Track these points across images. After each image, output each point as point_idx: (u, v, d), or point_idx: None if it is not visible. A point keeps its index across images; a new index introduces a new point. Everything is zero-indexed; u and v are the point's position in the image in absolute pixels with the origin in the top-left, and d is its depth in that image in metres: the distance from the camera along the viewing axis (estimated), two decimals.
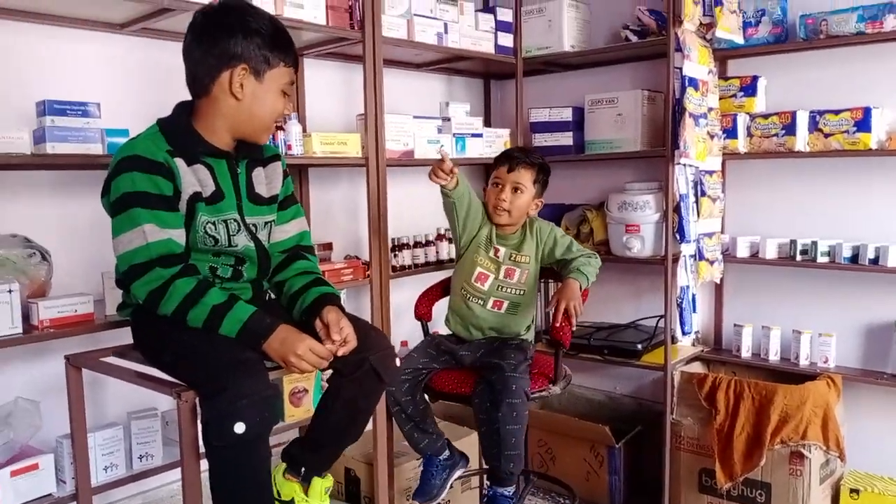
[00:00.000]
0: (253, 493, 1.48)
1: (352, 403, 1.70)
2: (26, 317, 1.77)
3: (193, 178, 1.57)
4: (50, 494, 1.82)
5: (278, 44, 1.61)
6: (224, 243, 1.62)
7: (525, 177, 2.22)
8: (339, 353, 1.58)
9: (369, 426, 1.94)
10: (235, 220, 1.64)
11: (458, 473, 2.29)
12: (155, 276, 1.50)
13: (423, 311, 2.39)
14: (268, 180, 1.75)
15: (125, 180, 1.50)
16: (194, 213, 1.58)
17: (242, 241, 1.65)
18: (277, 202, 1.77)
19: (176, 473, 2.05)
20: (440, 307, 2.46)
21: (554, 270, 2.32)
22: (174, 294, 1.50)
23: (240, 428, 1.38)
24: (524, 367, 2.06)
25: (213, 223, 1.60)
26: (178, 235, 1.54)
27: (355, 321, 1.74)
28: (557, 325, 2.07)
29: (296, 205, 1.83)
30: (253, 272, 1.71)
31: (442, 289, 2.45)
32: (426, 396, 2.24)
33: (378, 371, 1.66)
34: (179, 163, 1.55)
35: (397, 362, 1.73)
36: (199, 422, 1.45)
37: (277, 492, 1.77)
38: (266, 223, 1.73)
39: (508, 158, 2.25)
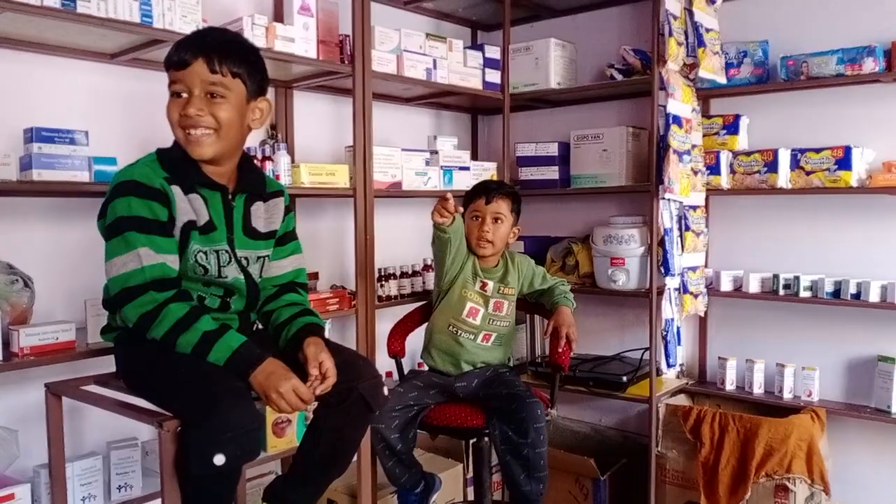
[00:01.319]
0: None
1: (339, 433, 1.67)
2: (6, 344, 1.75)
3: (189, 207, 1.57)
4: None
5: (167, 54, 1.58)
6: (214, 273, 1.61)
7: (503, 206, 2.27)
8: (318, 391, 1.55)
9: (353, 458, 1.92)
10: (227, 252, 1.63)
11: (433, 498, 2.28)
12: (148, 299, 1.49)
13: (397, 348, 2.37)
14: (267, 215, 1.74)
15: (121, 204, 1.51)
16: (187, 240, 1.57)
17: (232, 273, 1.64)
18: (275, 238, 1.76)
19: None
20: (411, 340, 2.44)
21: (530, 302, 2.37)
22: (166, 318, 1.49)
23: (219, 460, 1.36)
24: (531, 392, 2.11)
25: (205, 252, 1.60)
26: (173, 261, 1.54)
27: (342, 351, 1.73)
28: (561, 350, 2.16)
29: (295, 241, 1.82)
30: (241, 304, 1.70)
31: (416, 319, 2.44)
32: (418, 431, 2.21)
33: (367, 400, 1.64)
34: (176, 190, 1.55)
35: (385, 391, 1.72)
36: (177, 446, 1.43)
37: None
38: (259, 258, 1.72)
39: (485, 191, 2.29)
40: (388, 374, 2.70)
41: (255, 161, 2.20)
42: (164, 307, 1.49)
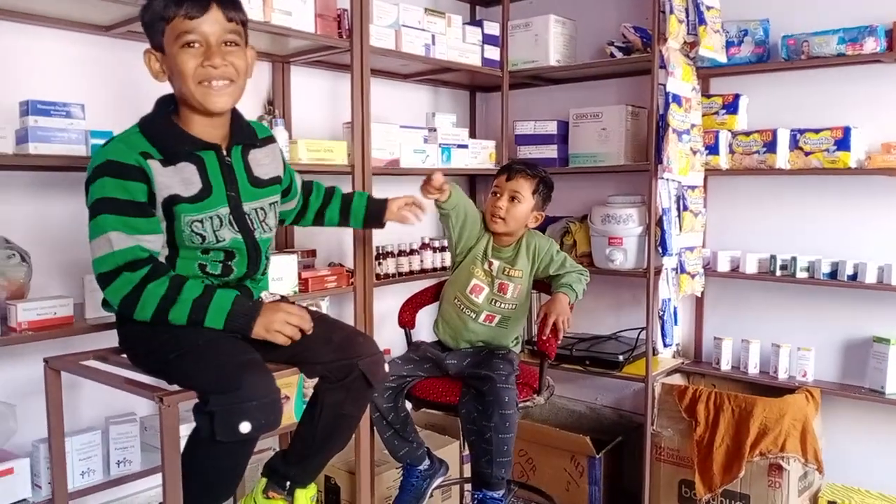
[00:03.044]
0: (224, 482, 1.55)
1: (339, 409, 1.68)
2: (4, 319, 1.75)
3: (170, 180, 1.53)
4: (25, 500, 1.78)
5: (162, 4, 1.50)
6: (211, 240, 1.59)
7: (523, 186, 2.24)
8: (308, 328, 1.60)
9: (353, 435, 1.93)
10: (219, 216, 1.59)
11: (437, 482, 2.29)
12: (124, 281, 1.47)
13: (406, 319, 2.40)
14: (267, 161, 1.72)
15: (97, 186, 1.48)
16: (173, 215, 1.54)
17: (228, 235, 1.61)
18: (282, 185, 1.77)
19: (154, 480, 2.03)
20: (422, 315, 2.46)
21: (544, 283, 2.34)
22: (148, 299, 1.48)
23: (245, 428, 1.38)
24: (513, 378, 2.08)
25: (200, 221, 1.56)
26: (149, 241, 1.51)
27: (342, 327, 1.74)
28: (545, 337, 2.11)
29: (296, 178, 1.95)
30: (243, 266, 1.66)
31: (429, 296, 2.46)
32: (408, 404, 2.24)
33: (367, 376, 1.65)
34: (154, 164, 1.51)
35: (386, 368, 1.73)
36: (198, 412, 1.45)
37: None
38: (271, 204, 1.71)
39: (508, 168, 2.29)
40: (387, 352, 2.71)
41: None
42: (142, 289, 1.48)
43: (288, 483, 1.74)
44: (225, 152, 1.63)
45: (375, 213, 2.08)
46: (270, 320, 1.53)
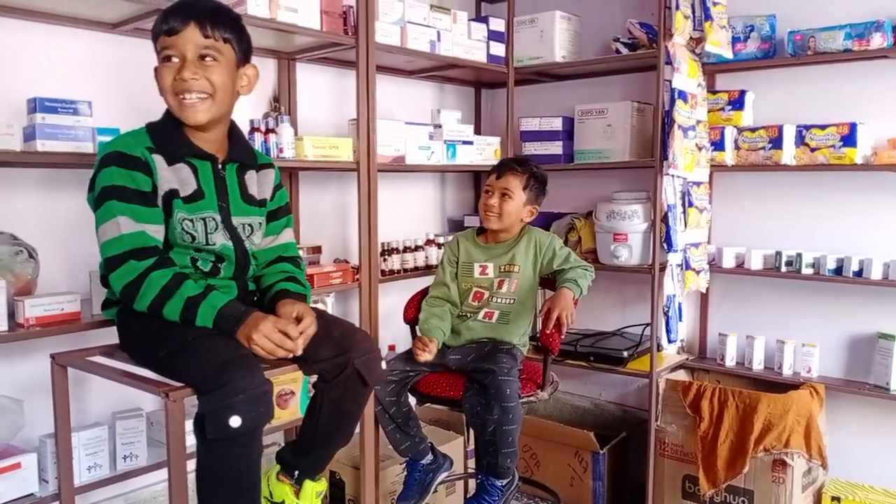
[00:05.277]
0: (241, 489, 1.48)
1: (337, 406, 1.70)
2: (12, 315, 1.76)
3: (171, 176, 1.58)
4: (32, 494, 1.80)
5: (154, 24, 1.60)
6: (201, 241, 1.62)
7: (513, 183, 2.26)
8: (295, 336, 1.53)
9: (356, 429, 1.94)
10: (214, 220, 1.63)
11: (441, 477, 2.31)
12: (129, 268, 1.50)
13: (412, 315, 2.41)
14: (259, 184, 1.76)
15: (105, 175, 1.53)
16: (171, 209, 1.58)
17: (220, 240, 1.64)
18: (266, 207, 1.78)
19: (160, 475, 2.05)
20: None
21: (549, 279, 2.35)
22: (150, 287, 1.50)
23: (235, 422, 1.39)
24: (515, 371, 2.09)
25: (191, 220, 1.60)
26: (154, 230, 1.55)
27: (339, 323, 1.75)
28: (548, 332, 2.12)
29: (289, 215, 1.85)
30: (230, 271, 1.69)
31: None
32: (412, 399, 2.25)
33: (362, 374, 1.66)
34: (158, 159, 1.57)
35: (383, 365, 1.73)
36: (194, 418, 1.44)
37: (270, 492, 1.78)
38: (260, 223, 1.75)
39: (498, 166, 2.33)
40: (391, 348, 2.72)
41: (259, 133, 2.20)
42: (146, 276, 1.50)
43: (297, 472, 1.77)
44: (220, 166, 1.67)
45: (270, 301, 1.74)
46: (250, 333, 1.51)
